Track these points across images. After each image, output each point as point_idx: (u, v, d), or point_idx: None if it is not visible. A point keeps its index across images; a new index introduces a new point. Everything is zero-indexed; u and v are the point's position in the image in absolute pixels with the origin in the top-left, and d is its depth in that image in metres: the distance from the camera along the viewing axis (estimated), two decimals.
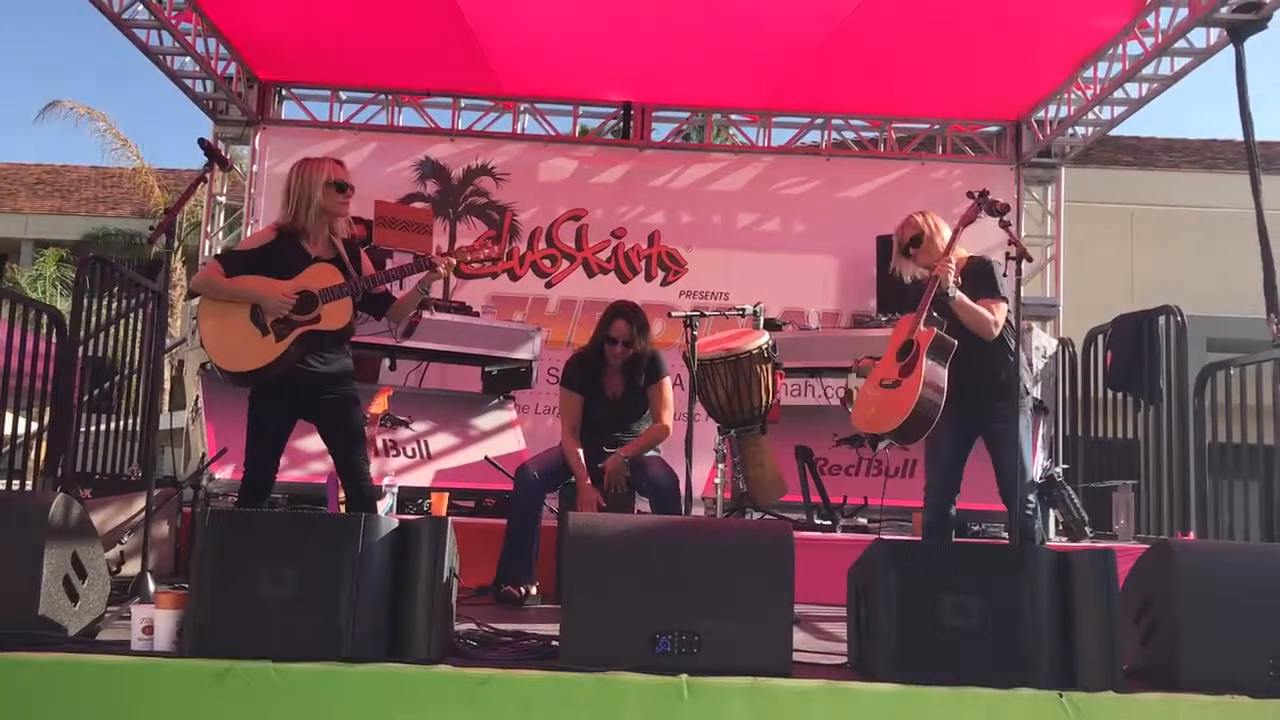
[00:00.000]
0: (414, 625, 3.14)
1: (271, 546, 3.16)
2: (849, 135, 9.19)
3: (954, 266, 4.50)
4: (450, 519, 3.34)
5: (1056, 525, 6.39)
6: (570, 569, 3.25)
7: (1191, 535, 5.98)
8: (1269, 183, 6.17)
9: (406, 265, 4.47)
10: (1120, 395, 7.06)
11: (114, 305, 6.57)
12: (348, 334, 4.42)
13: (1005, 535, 5.87)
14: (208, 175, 4.25)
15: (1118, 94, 7.82)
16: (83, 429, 6.25)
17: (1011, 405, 4.35)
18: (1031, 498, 4.57)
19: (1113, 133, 8.87)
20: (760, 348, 5.23)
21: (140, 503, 4.89)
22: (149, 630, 3.14)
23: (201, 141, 4.05)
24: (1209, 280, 11.80)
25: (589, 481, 5.01)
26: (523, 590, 4.87)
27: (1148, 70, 7.37)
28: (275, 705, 2.96)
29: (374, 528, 3.19)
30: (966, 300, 4.47)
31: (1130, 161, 15.39)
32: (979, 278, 4.58)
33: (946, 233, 4.68)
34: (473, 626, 3.73)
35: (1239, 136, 6.15)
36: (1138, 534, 6.28)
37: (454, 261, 4.45)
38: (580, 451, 5.10)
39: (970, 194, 4.54)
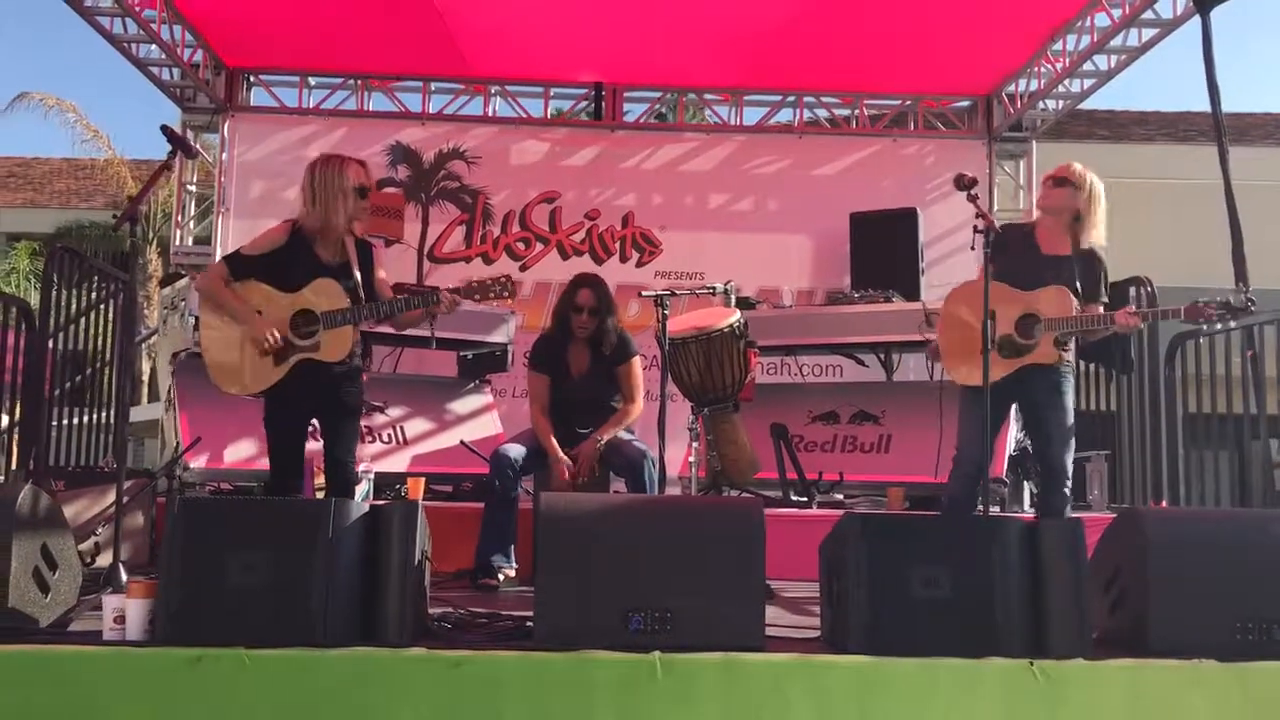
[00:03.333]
0: (386, 609, 3.16)
1: (242, 533, 3.17)
2: (821, 113, 9.17)
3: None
4: (421, 503, 3.33)
5: (1031, 497, 6.42)
6: (542, 549, 3.26)
7: (1164, 504, 6.04)
8: (1242, 154, 6.18)
9: (412, 299, 4.33)
10: (1093, 366, 7.10)
11: (84, 297, 6.52)
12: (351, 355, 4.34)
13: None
14: (172, 164, 4.20)
15: (1086, 66, 7.84)
16: (55, 422, 6.21)
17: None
18: (1068, 487, 4.50)
19: (1086, 106, 8.88)
20: (731, 326, 5.24)
21: (112, 494, 4.88)
22: (120, 620, 3.14)
23: (165, 129, 4.01)
24: (1180, 252, 11.82)
25: (561, 454, 5.01)
26: (501, 574, 4.87)
27: (1115, 42, 7.38)
28: (249, 691, 2.96)
29: (344, 512, 3.19)
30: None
31: (1105, 135, 15.44)
32: (1098, 275, 4.50)
33: (1104, 205, 4.50)
34: (448, 609, 3.74)
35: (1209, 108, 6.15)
36: (1111, 504, 6.33)
37: (460, 301, 4.33)
38: (551, 430, 5.10)
39: (958, 183, 4.42)
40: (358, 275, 4.27)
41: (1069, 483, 4.47)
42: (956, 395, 4.76)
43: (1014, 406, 4.68)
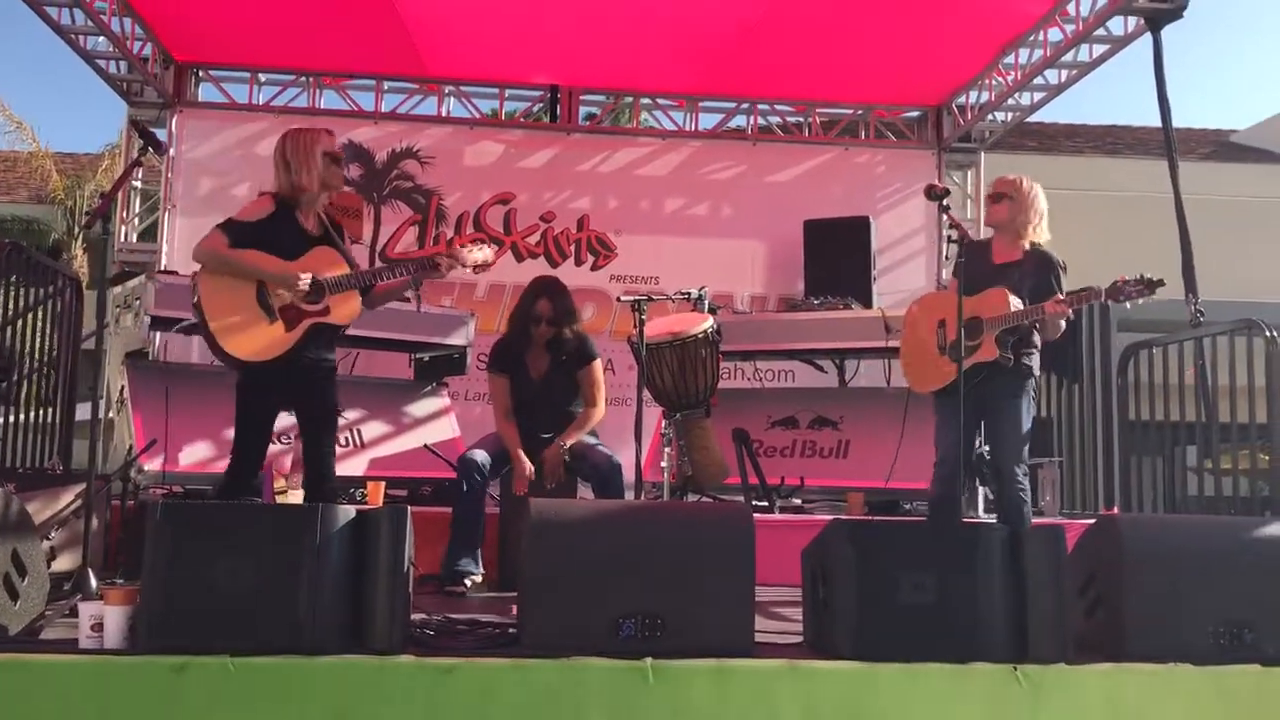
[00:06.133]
0: (374, 616, 3.10)
1: (227, 538, 3.09)
2: (774, 120, 9.26)
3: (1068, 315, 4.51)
4: (409, 508, 3.29)
5: (986, 502, 6.53)
6: (531, 555, 3.23)
7: (1115, 509, 6.18)
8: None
9: (409, 263, 4.42)
10: (1044, 374, 7.23)
11: (28, 293, 6.33)
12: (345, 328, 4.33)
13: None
14: (143, 159, 4.11)
15: (1037, 80, 8.00)
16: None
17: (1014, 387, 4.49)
18: (1023, 479, 4.61)
19: (1023, 120, 9.05)
20: (705, 331, 5.27)
21: (67, 496, 4.73)
22: (98, 627, 3.05)
23: (135, 123, 3.92)
24: (1118, 262, 12.08)
25: (524, 460, 4.97)
26: (469, 579, 4.83)
27: (1067, 57, 7.55)
28: (235, 700, 2.90)
29: (332, 518, 3.14)
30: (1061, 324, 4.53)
31: (1034, 147, 15.73)
32: (1047, 271, 4.62)
33: (1042, 204, 4.71)
34: (426, 616, 3.70)
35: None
36: (1063, 509, 6.46)
37: (455, 262, 4.37)
38: (515, 433, 5.06)
39: (929, 193, 4.52)
40: (342, 247, 4.29)
41: (1020, 485, 4.58)
42: (922, 402, 4.88)
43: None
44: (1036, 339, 4.69)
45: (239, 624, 3.01)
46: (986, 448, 6.40)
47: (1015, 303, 4.46)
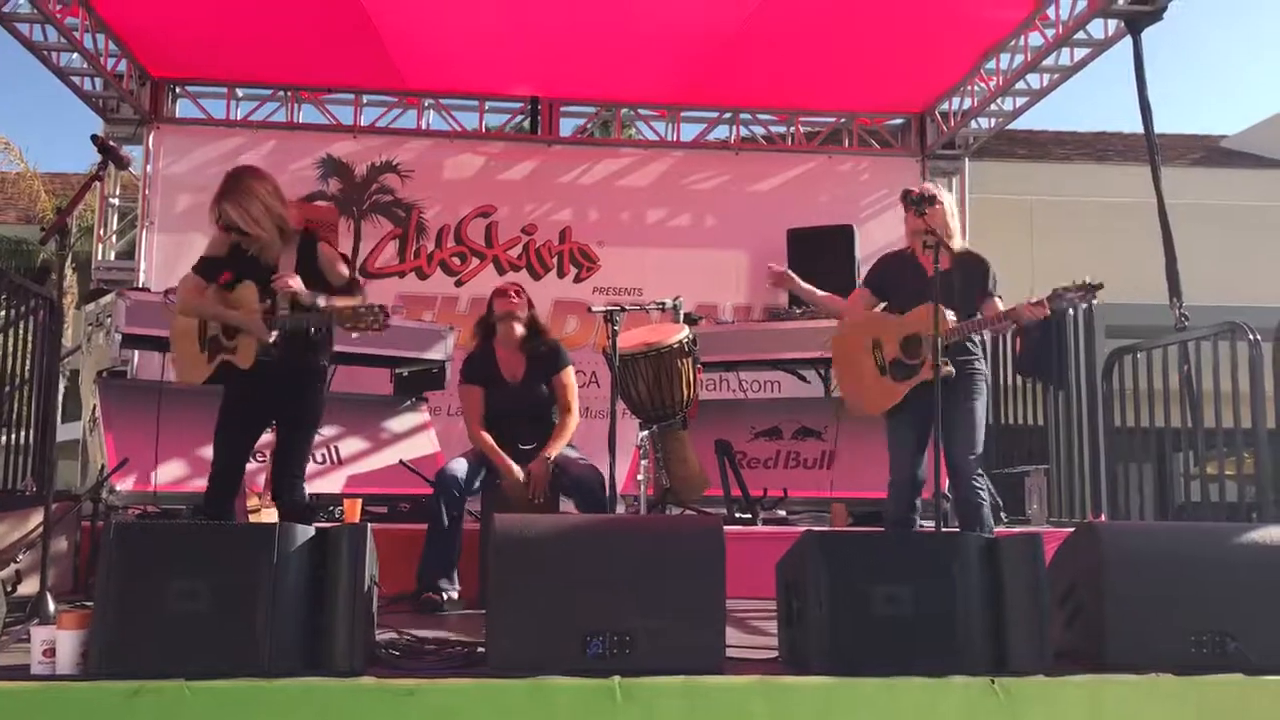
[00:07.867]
0: (334, 636, 3.03)
1: (182, 559, 3.02)
2: (757, 129, 9.21)
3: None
4: (369, 524, 3.21)
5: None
6: (496, 572, 3.17)
7: (1103, 517, 6.11)
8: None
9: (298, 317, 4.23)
10: (1029, 381, 7.18)
11: (2, 313, 6.25)
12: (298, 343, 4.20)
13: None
14: (103, 174, 4.03)
15: (1019, 85, 7.97)
16: None
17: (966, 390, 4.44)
18: (980, 479, 4.53)
19: (1006, 126, 9.03)
20: (681, 342, 5.20)
21: (36, 518, 4.65)
22: (50, 653, 2.97)
23: (96, 138, 3.83)
24: (1104, 269, 12.01)
25: (510, 462, 4.89)
26: (443, 596, 4.74)
27: (1048, 61, 7.51)
28: None
29: (290, 536, 3.07)
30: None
31: (1024, 154, 15.70)
32: (977, 275, 4.61)
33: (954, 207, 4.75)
34: (394, 635, 3.62)
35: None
36: (1050, 517, 6.39)
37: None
38: (492, 440, 4.98)
39: (905, 198, 4.48)
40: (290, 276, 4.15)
41: (976, 484, 4.49)
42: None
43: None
44: (980, 344, 4.68)
45: (195, 647, 2.94)
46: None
47: (951, 316, 4.41)
